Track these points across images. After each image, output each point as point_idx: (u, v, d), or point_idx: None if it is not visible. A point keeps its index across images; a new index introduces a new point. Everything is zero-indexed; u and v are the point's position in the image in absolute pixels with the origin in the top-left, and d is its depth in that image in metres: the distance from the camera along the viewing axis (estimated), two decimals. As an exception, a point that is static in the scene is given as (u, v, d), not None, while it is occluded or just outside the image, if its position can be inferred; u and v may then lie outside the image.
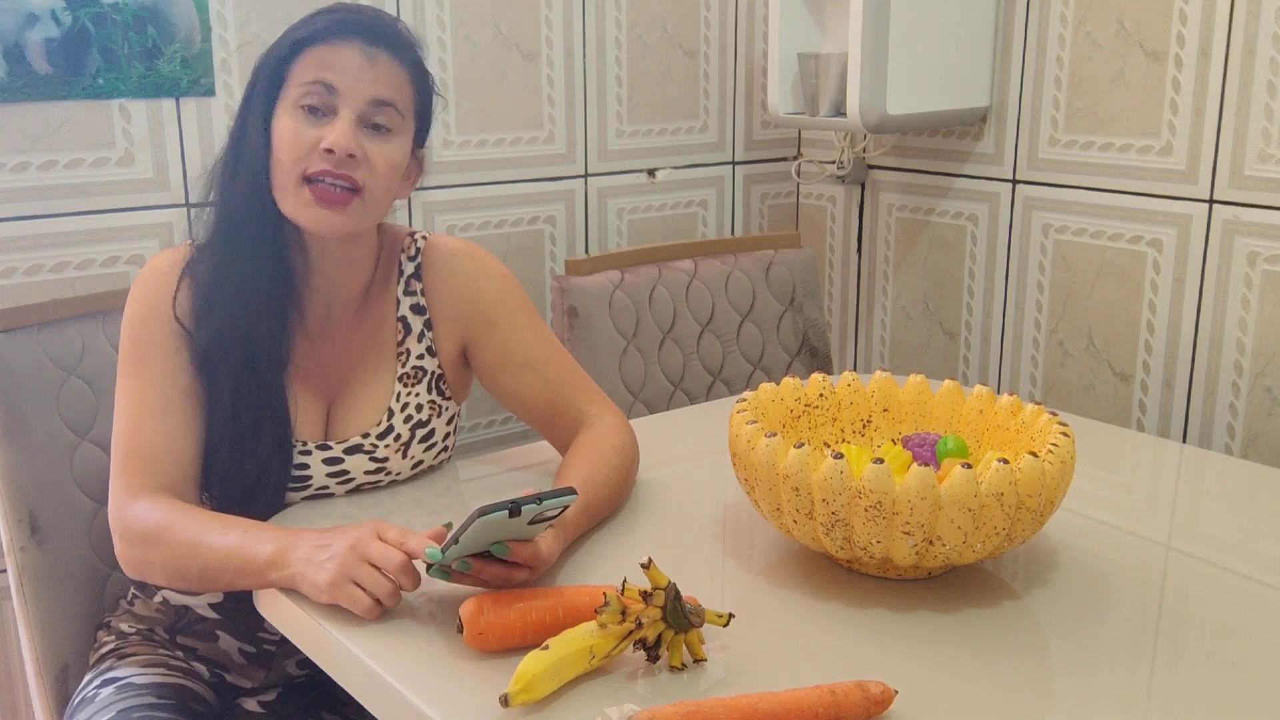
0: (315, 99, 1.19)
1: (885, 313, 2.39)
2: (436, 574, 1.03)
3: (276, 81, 1.21)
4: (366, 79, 1.20)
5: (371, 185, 1.22)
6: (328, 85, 1.19)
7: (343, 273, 1.30)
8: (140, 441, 1.20)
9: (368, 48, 1.21)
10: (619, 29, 2.19)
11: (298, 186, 1.20)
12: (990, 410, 1.26)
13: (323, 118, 1.20)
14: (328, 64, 1.20)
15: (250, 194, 1.21)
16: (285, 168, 1.20)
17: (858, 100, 1.97)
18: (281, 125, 1.20)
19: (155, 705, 1.24)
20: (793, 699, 0.88)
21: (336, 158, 1.18)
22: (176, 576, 1.16)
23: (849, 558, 1.10)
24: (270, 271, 1.23)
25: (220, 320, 1.22)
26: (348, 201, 1.20)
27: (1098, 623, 1.06)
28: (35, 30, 1.61)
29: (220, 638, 1.33)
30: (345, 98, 1.20)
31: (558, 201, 2.18)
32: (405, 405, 1.33)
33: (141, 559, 1.17)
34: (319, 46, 1.20)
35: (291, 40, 1.21)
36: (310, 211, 1.20)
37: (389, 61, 1.22)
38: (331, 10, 1.23)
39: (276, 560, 1.09)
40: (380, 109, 1.22)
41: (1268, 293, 1.78)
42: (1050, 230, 2.06)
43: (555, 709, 0.91)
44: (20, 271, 1.67)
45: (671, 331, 1.97)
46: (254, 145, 1.21)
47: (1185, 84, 1.83)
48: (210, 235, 1.25)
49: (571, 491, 1.03)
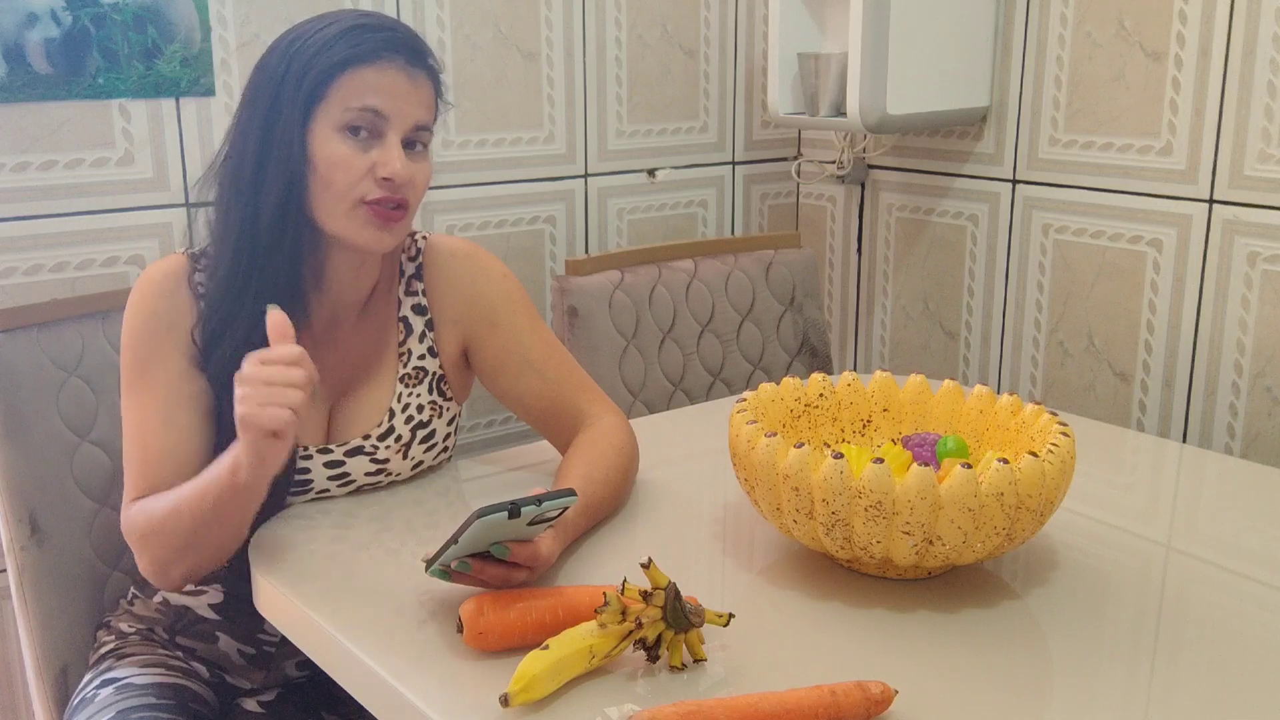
0: (363, 122, 1.19)
1: (885, 313, 2.39)
2: (436, 573, 1.03)
3: (316, 97, 1.19)
4: (412, 103, 1.21)
5: (414, 201, 1.24)
6: (377, 111, 1.19)
7: (355, 278, 1.30)
8: (144, 457, 1.21)
9: (410, 69, 1.21)
10: (619, 29, 2.19)
11: (352, 209, 1.20)
12: (990, 410, 1.26)
13: (367, 140, 1.20)
14: (376, 88, 1.19)
15: (281, 206, 1.20)
16: (338, 190, 1.19)
17: (858, 100, 1.97)
18: (330, 147, 1.19)
19: (155, 705, 1.24)
20: (793, 699, 0.88)
21: (394, 184, 1.20)
22: (186, 548, 1.16)
23: (849, 558, 1.10)
24: (284, 280, 1.23)
25: (236, 334, 1.21)
26: (400, 219, 1.23)
27: (1098, 623, 1.06)
28: (35, 30, 1.61)
29: (220, 639, 1.33)
30: (393, 122, 1.20)
31: (558, 201, 2.18)
32: (406, 406, 1.33)
33: (154, 558, 1.18)
34: (365, 68, 1.19)
35: (336, 58, 1.19)
36: (369, 233, 1.21)
37: (426, 82, 1.24)
38: (374, 28, 1.21)
39: (235, 461, 1.10)
40: (420, 132, 1.23)
41: (1268, 293, 1.78)
42: (1050, 230, 2.06)
43: (555, 709, 0.91)
44: (20, 271, 1.67)
45: (671, 331, 1.97)
46: (290, 158, 1.19)
47: (1185, 84, 1.83)
48: (221, 242, 1.24)
49: (571, 493, 1.03)
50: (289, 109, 1.19)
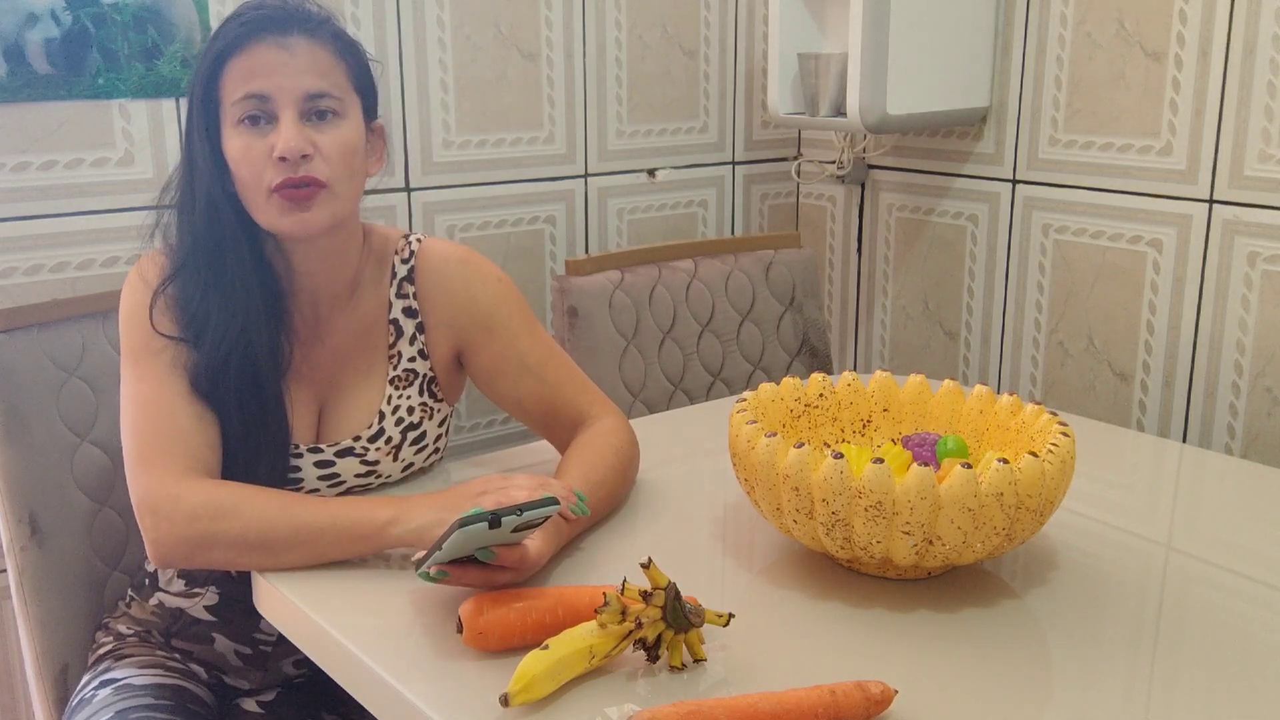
0: (252, 109, 1.18)
1: (885, 313, 2.39)
2: (423, 577, 1.03)
3: (211, 101, 1.20)
4: (291, 73, 1.18)
5: (332, 174, 1.20)
6: (259, 95, 1.18)
7: (326, 269, 1.28)
8: (173, 425, 1.18)
9: (281, 39, 1.18)
10: (619, 29, 2.19)
11: (266, 200, 1.19)
12: (990, 410, 1.26)
13: (265, 125, 1.18)
14: (250, 72, 1.18)
15: (211, 217, 1.20)
16: (250, 185, 1.19)
17: (858, 100, 1.97)
18: (232, 145, 1.19)
19: (153, 706, 1.24)
20: (793, 699, 0.88)
21: (290, 163, 1.17)
22: (257, 544, 1.13)
23: (849, 558, 1.10)
24: (256, 282, 1.22)
25: (215, 340, 1.20)
26: (313, 197, 1.19)
27: (1098, 623, 1.06)
28: (35, 30, 1.61)
29: (216, 640, 1.33)
30: (278, 100, 1.18)
31: (558, 201, 2.18)
32: (396, 408, 1.32)
33: (207, 532, 1.13)
34: (236, 57, 1.18)
35: (211, 56, 1.19)
36: (285, 219, 1.19)
37: (308, 46, 1.20)
38: (237, 14, 1.20)
39: (399, 518, 1.11)
40: (319, 100, 1.20)
41: (1268, 293, 1.77)
42: (1050, 230, 2.06)
43: (555, 709, 0.91)
44: (20, 271, 1.67)
45: (671, 331, 1.97)
46: (205, 168, 1.20)
47: (1185, 84, 1.83)
48: (184, 259, 1.24)
49: (554, 501, 1.03)
50: (196, 119, 1.21)
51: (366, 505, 1.14)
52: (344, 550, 1.14)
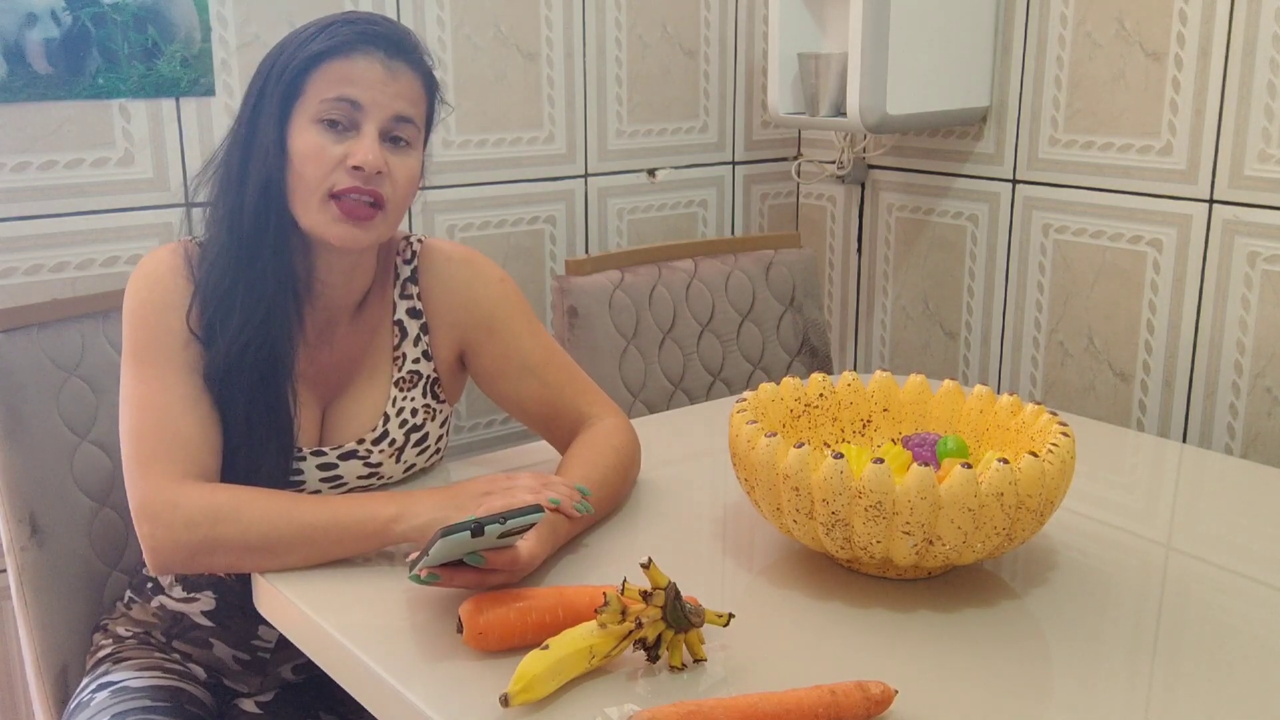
0: (338, 114, 1.18)
1: (885, 313, 2.39)
2: (414, 579, 1.03)
3: (294, 92, 1.19)
4: (389, 93, 1.20)
5: (393, 199, 1.21)
6: (352, 101, 1.18)
7: (346, 281, 1.29)
8: (174, 429, 1.17)
9: (389, 61, 1.20)
10: (619, 29, 2.19)
11: (323, 202, 1.19)
12: (990, 410, 1.26)
13: (344, 132, 1.19)
14: (350, 78, 1.18)
15: (261, 203, 1.20)
16: (310, 183, 1.18)
17: (858, 100, 1.97)
18: (304, 139, 1.18)
19: (151, 708, 1.24)
20: (793, 699, 0.88)
21: (365, 174, 1.18)
22: (259, 546, 1.13)
23: (849, 558, 1.10)
24: (275, 280, 1.22)
25: (232, 333, 1.20)
26: (372, 216, 1.20)
27: (1098, 623, 1.06)
28: (35, 30, 1.61)
29: (215, 645, 1.33)
30: (369, 112, 1.19)
31: (558, 201, 2.18)
32: (400, 410, 1.32)
33: (207, 537, 1.12)
34: (339, 59, 1.18)
35: (311, 51, 1.19)
36: (338, 228, 1.19)
37: (408, 74, 1.22)
38: (351, 21, 1.21)
39: (402, 514, 1.12)
40: (401, 125, 1.21)
41: (1268, 293, 1.77)
42: (1050, 230, 2.06)
43: (555, 709, 0.91)
44: (20, 271, 1.67)
45: (671, 331, 1.97)
46: (269, 154, 1.19)
47: (1185, 84, 1.83)
48: (213, 241, 1.23)
49: (538, 509, 1.02)
50: (269, 105, 1.19)
51: (370, 503, 1.15)
52: (348, 549, 1.14)
